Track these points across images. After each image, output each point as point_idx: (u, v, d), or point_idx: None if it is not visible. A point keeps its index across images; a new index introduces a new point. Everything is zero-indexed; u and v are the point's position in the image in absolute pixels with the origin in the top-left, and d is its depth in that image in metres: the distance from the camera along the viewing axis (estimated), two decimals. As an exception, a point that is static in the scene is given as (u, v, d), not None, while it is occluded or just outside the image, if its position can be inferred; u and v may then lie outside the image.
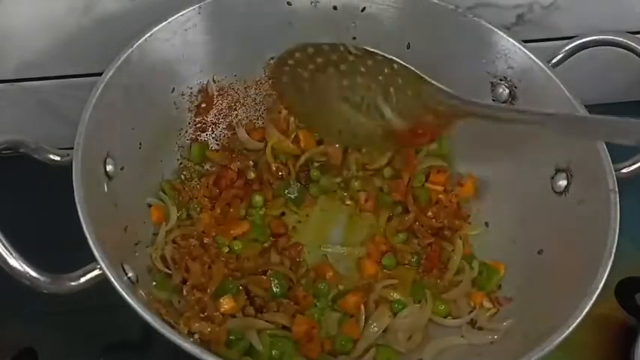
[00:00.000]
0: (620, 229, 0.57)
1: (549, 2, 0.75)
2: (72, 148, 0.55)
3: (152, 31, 0.63)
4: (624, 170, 0.62)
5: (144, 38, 0.62)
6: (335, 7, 0.70)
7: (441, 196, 0.72)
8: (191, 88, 0.70)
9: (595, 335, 0.68)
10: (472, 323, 0.65)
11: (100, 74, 0.59)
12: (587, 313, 0.53)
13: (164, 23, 0.63)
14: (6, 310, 0.65)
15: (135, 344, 0.66)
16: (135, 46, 0.61)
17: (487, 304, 0.66)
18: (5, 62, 0.72)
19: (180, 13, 0.64)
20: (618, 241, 0.56)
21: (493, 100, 0.70)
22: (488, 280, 0.67)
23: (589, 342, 0.68)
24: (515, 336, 0.61)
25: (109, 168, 0.59)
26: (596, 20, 0.72)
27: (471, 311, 0.65)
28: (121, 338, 0.65)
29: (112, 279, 0.49)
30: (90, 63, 0.69)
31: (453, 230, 0.70)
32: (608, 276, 0.55)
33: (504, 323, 0.63)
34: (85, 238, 0.50)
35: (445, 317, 0.66)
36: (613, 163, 0.60)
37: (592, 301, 0.54)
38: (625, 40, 0.64)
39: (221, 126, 0.74)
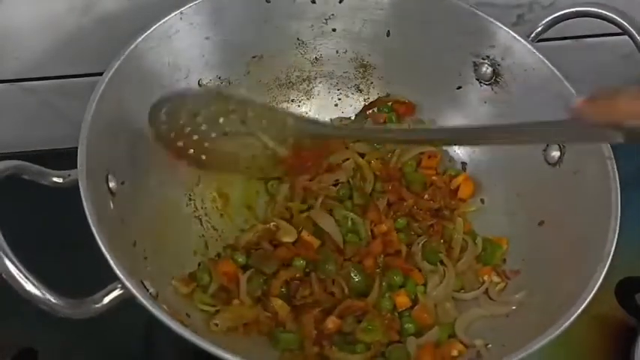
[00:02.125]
0: (619, 228, 0.57)
1: (549, 2, 0.75)
2: (73, 148, 0.54)
3: (136, 42, 0.62)
4: None
5: (130, 49, 0.61)
6: (313, 1, 0.70)
7: (434, 177, 0.72)
8: (178, 95, 0.69)
9: (595, 335, 0.68)
10: (487, 295, 0.66)
11: (100, 74, 0.59)
12: (601, 285, 0.53)
13: (148, 32, 0.62)
14: (6, 310, 0.64)
15: (136, 344, 0.66)
16: (123, 57, 0.60)
17: (495, 278, 0.66)
18: (5, 62, 0.72)
19: (163, 21, 0.64)
20: (617, 241, 0.56)
21: (477, 79, 0.71)
22: (493, 255, 0.67)
23: (589, 342, 0.68)
24: (530, 309, 0.61)
25: (111, 185, 0.58)
26: (596, 21, 0.72)
27: (481, 285, 0.66)
28: (122, 338, 0.65)
29: (141, 298, 0.48)
30: (90, 63, 0.69)
31: (450, 209, 0.71)
32: (609, 276, 0.54)
33: (517, 295, 0.63)
34: (93, 258, 0.49)
35: (459, 291, 0.67)
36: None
37: (606, 268, 0.54)
38: (602, 11, 0.65)
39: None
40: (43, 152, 0.76)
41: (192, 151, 0.58)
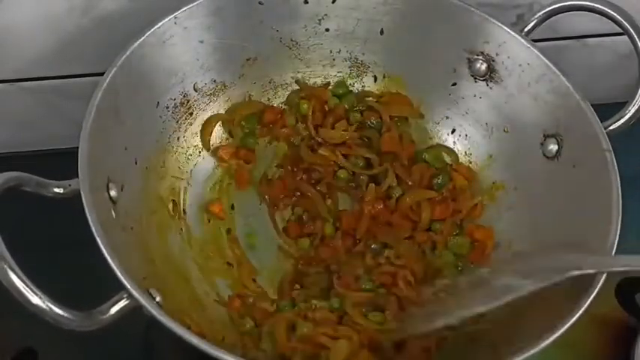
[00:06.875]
0: (620, 227, 0.57)
1: (549, 2, 0.75)
2: (73, 148, 0.54)
3: (131, 48, 0.61)
4: (611, 127, 0.64)
5: (125, 56, 0.61)
6: (306, 1, 0.70)
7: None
8: (174, 100, 0.68)
9: (595, 335, 0.68)
10: None
11: (100, 74, 0.59)
12: (601, 284, 0.53)
13: (142, 38, 0.62)
14: (6, 310, 0.64)
15: (136, 344, 0.66)
16: (118, 65, 0.60)
17: None
18: (5, 62, 0.72)
19: (157, 26, 0.63)
20: (619, 240, 0.56)
21: (472, 75, 0.71)
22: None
23: (589, 342, 0.67)
24: (531, 307, 0.60)
25: (112, 193, 0.58)
26: (596, 21, 0.72)
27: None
28: (123, 338, 0.65)
29: (149, 307, 0.48)
30: (90, 63, 0.70)
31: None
32: (609, 276, 0.54)
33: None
34: (95, 264, 0.49)
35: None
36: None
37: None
38: (593, 4, 0.65)
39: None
40: (43, 152, 0.77)
41: None
